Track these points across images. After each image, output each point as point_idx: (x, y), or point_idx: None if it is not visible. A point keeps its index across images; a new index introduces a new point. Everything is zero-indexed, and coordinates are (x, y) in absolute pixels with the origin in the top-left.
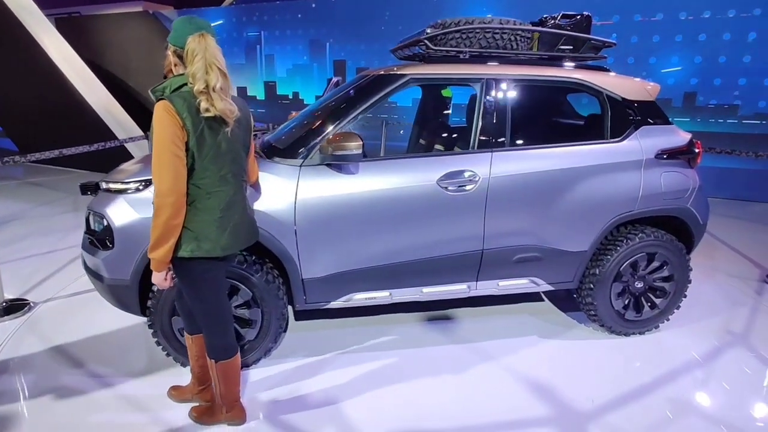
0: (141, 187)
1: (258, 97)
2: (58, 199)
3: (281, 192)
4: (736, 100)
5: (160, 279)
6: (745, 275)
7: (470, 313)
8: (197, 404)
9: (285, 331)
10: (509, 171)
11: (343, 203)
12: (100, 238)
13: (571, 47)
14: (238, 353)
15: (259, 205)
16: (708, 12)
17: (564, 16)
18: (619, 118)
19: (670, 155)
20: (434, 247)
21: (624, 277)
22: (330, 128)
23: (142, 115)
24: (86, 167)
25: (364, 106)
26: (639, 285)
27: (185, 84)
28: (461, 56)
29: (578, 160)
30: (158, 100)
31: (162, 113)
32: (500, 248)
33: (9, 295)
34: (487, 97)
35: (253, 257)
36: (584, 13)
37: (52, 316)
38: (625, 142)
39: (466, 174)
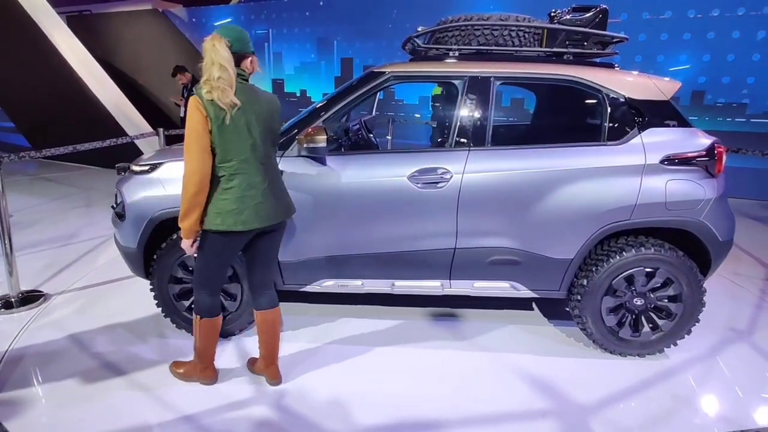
0: (149, 169)
1: None
2: (70, 195)
3: None
4: (745, 98)
5: (188, 245)
6: (750, 273)
7: (474, 315)
8: (179, 360)
9: None
10: (485, 170)
11: (314, 193)
12: (118, 211)
13: (584, 43)
14: (220, 317)
15: None
16: (717, 10)
17: (575, 10)
18: (620, 118)
19: (682, 161)
20: (404, 242)
21: (618, 291)
22: (310, 123)
23: (152, 112)
24: (97, 163)
25: (344, 103)
26: (638, 302)
27: None
28: (450, 54)
29: (562, 163)
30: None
31: (191, 105)
32: (473, 248)
33: (24, 287)
34: (468, 95)
35: None
36: (599, 6)
37: (66, 307)
38: (624, 145)
39: (439, 171)
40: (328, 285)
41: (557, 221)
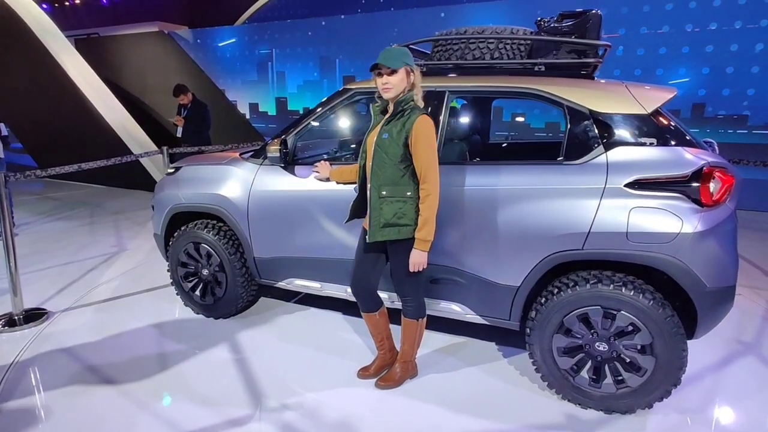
0: (174, 171)
1: (269, 113)
2: (74, 213)
3: (242, 184)
4: (746, 110)
5: (425, 259)
6: (755, 285)
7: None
8: (382, 374)
9: (246, 305)
10: None
11: (280, 198)
12: (152, 204)
13: (554, 52)
14: None
15: (226, 194)
16: (714, 24)
17: (563, 16)
18: (581, 135)
19: (653, 186)
20: (350, 249)
21: (573, 331)
22: (281, 135)
23: (157, 131)
24: (102, 182)
25: (314, 116)
26: (601, 347)
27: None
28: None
29: (507, 181)
30: (408, 111)
31: (432, 126)
32: None
33: (28, 305)
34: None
35: (225, 231)
36: (590, 10)
37: (68, 325)
38: (582, 165)
39: None
40: (295, 284)
41: (499, 244)
